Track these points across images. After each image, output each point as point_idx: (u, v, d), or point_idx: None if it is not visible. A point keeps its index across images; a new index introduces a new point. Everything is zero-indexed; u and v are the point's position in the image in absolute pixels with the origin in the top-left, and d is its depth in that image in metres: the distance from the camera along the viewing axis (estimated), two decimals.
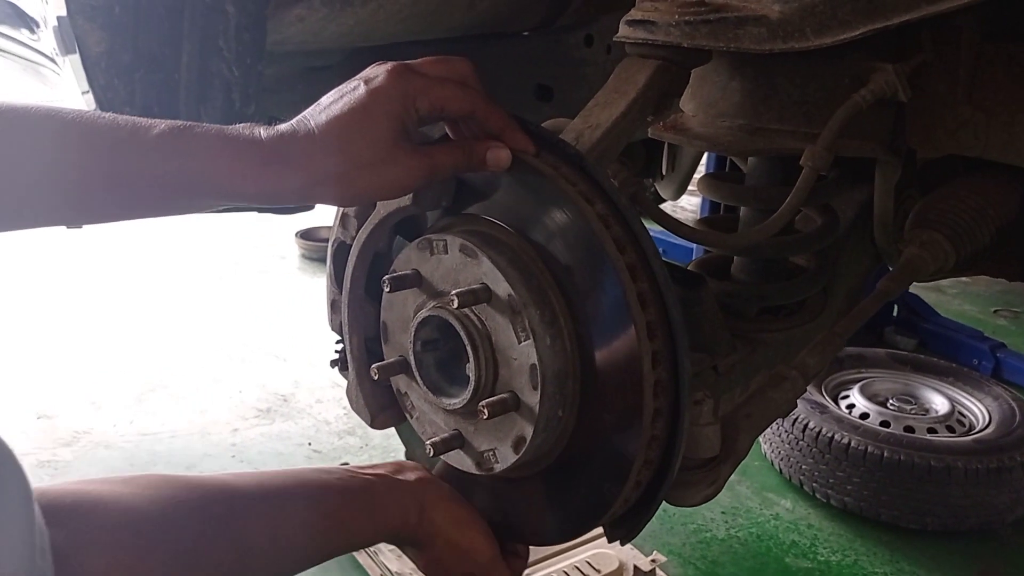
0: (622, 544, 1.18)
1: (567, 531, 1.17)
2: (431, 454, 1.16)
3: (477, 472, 1.16)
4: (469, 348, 1.10)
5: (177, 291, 5.49)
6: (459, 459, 1.18)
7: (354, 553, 3.05)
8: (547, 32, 2.03)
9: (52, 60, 1.90)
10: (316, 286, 5.56)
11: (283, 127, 1.00)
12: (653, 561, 3.13)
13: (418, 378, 1.20)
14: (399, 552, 3.16)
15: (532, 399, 1.07)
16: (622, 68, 1.27)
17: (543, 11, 2.00)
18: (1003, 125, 1.31)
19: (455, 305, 1.07)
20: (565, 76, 2.04)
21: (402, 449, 1.47)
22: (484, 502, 1.28)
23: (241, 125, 1.01)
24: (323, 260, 6.37)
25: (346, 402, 1.34)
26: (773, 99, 1.32)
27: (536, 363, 1.05)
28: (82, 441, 3.75)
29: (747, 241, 1.35)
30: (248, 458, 3.69)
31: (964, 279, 6.77)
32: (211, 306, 5.28)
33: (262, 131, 1.00)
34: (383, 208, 1.17)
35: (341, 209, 1.26)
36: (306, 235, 6.16)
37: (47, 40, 1.83)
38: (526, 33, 2.08)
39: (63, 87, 1.79)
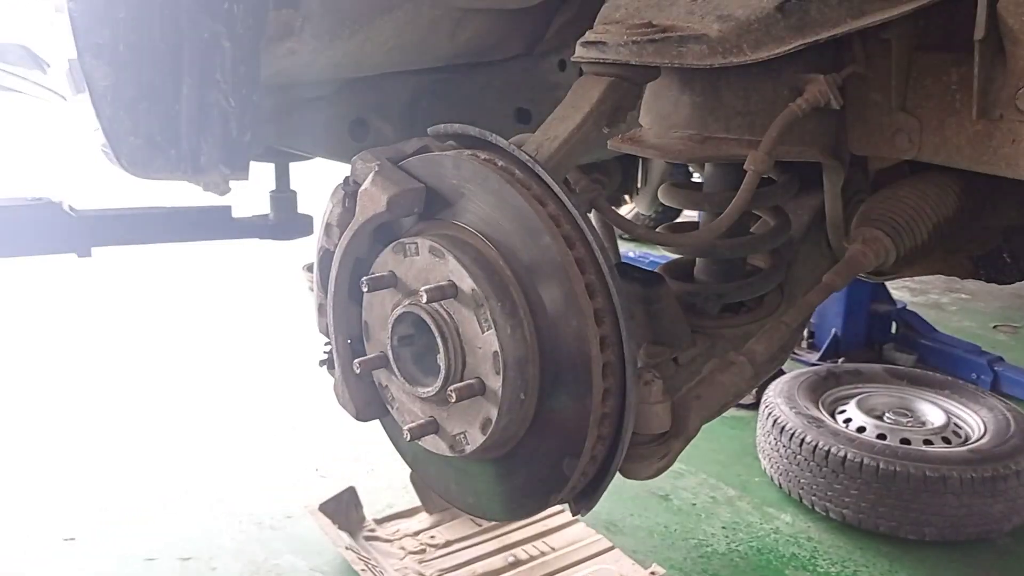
0: (583, 515, 1.28)
1: (532, 506, 1.27)
2: (408, 439, 1.26)
3: (451, 454, 1.27)
4: (439, 339, 1.21)
5: (188, 321, 5.58)
6: (434, 443, 1.29)
7: (360, 573, 3.11)
8: (524, 59, 2.16)
9: (61, 96, 2.03)
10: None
11: None
12: (652, 573, 3.20)
13: (396, 371, 1.31)
14: (405, 573, 3.30)
15: (496, 383, 1.17)
16: (578, 85, 1.39)
17: (521, 40, 2.13)
18: (934, 129, 1.41)
19: (425, 300, 1.19)
20: (542, 99, 2.17)
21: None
22: (458, 485, 1.38)
23: None
24: None
25: (352, 426, 1.43)
26: (719, 111, 1.43)
27: (498, 350, 1.16)
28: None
29: (698, 240, 1.46)
30: (256, 481, 3.76)
31: (964, 295, 6.84)
32: (221, 336, 5.37)
33: None
34: (361, 215, 1.29)
35: (325, 219, 1.38)
36: (312, 268, 6.21)
37: (56, 79, 1.96)
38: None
39: (76, 122, 1.90)
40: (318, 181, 3.87)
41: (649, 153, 1.45)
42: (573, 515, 1.27)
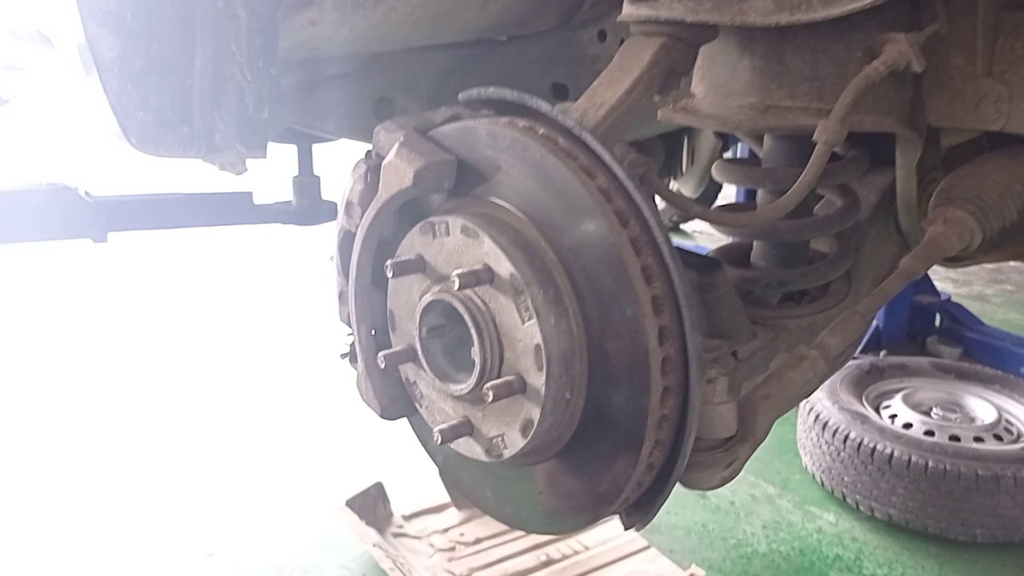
0: (637, 530, 1.14)
1: (579, 519, 1.13)
2: (439, 442, 1.13)
3: (487, 459, 1.13)
4: (473, 330, 1.07)
5: (212, 313, 5.53)
6: (468, 446, 1.15)
7: (388, 571, 3.03)
8: (561, 30, 2.02)
9: (71, 76, 1.93)
10: None
11: None
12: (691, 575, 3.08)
13: (425, 365, 1.18)
14: (434, 572, 3.20)
15: (538, 381, 1.04)
16: (626, 47, 1.25)
17: (557, 12, 1.99)
18: None
19: (457, 287, 1.05)
20: (580, 73, 2.02)
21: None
22: (495, 492, 1.25)
23: None
24: None
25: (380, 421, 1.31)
26: (784, 76, 1.28)
27: (540, 343, 1.02)
28: None
29: (761, 221, 1.31)
30: (283, 475, 3.69)
31: (1009, 287, 6.64)
32: (246, 327, 5.32)
33: None
34: (384, 192, 1.16)
35: (345, 197, 1.25)
36: None
37: (64, 57, 1.86)
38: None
39: (87, 105, 1.81)
40: (344, 166, 3.84)
41: (705, 123, 1.31)
42: (626, 528, 1.13)
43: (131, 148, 1.75)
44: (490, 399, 1.03)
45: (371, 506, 3.34)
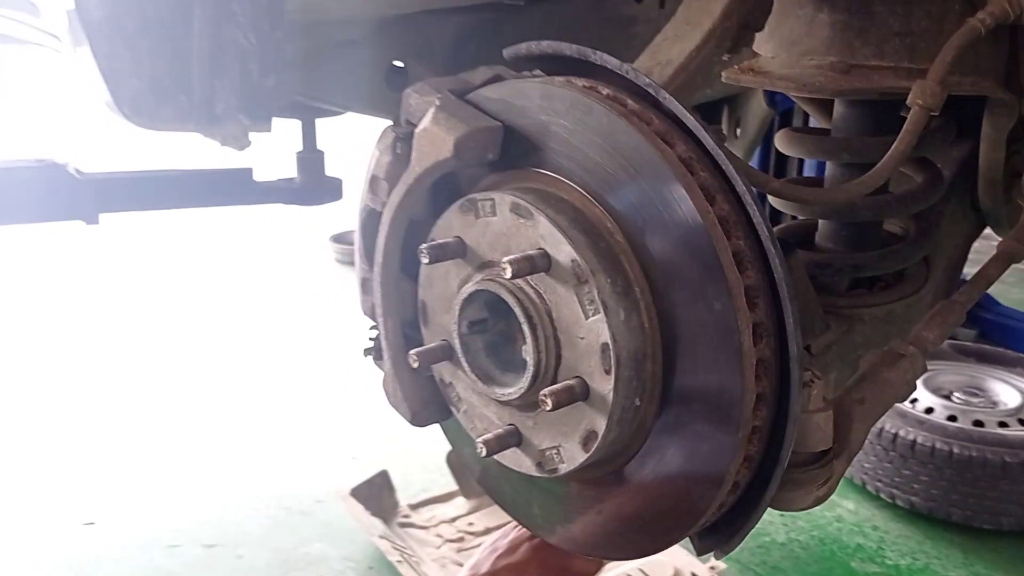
0: (717, 558, 0.99)
1: (649, 544, 0.98)
2: (483, 454, 0.97)
3: (538, 474, 0.98)
4: (526, 327, 0.92)
5: (211, 297, 5.39)
6: (516, 459, 1.00)
7: (395, 563, 2.92)
8: None
9: (59, 45, 1.77)
10: (350, 289, 5.44)
11: None
12: (712, 568, 2.96)
13: (465, 365, 1.02)
14: (442, 563, 3.09)
15: (604, 386, 0.89)
16: None
17: None
18: None
19: (508, 276, 0.89)
20: (613, 38, 1.86)
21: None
22: (543, 510, 1.10)
23: None
24: None
25: (385, 405, 1.17)
26: (870, 31, 1.13)
27: (608, 342, 0.87)
28: None
29: (845, 198, 1.15)
30: (283, 464, 3.58)
31: (1022, 267, 6.46)
32: (245, 312, 5.18)
33: None
34: (418, 164, 0.99)
35: (370, 171, 1.09)
36: (339, 239, 6.04)
37: (51, 24, 1.70)
38: None
39: (77, 78, 1.66)
40: (348, 141, 3.71)
41: (780, 86, 1.15)
42: (699, 555, 0.99)
43: (124, 120, 1.60)
44: (549, 407, 0.88)
45: (376, 495, 3.25)
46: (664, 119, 0.89)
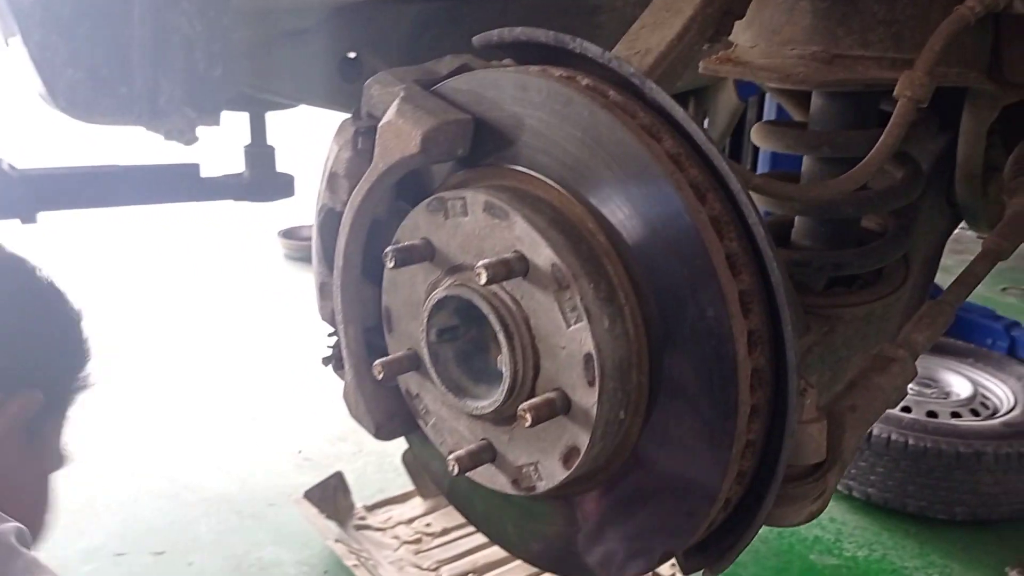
0: None
1: (632, 564, 0.92)
2: (454, 471, 0.91)
3: (514, 492, 0.92)
4: (502, 335, 0.85)
5: (156, 294, 5.26)
6: (490, 476, 0.93)
7: (351, 567, 2.86)
8: None
9: None
10: (300, 285, 5.36)
11: None
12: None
13: (434, 376, 0.95)
14: (400, 565, 3.02)
15: (587, 399, 0.82)
16: None
17: None
18: None
19: (483, 281, 0.83)
20: (576, 28, 1.79)
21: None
22: (518, 528, 1.03)
23: None
24: (307, 260, 6.17)
25: (338, 403, 1.10)
26: (854, 19, 1.08)
27: (592, 352, 0.81)
28: None
29: (832, 193, 1.10)
30: (234, 468, 3.49)
31: (969, 257, 6.54)
32: (191, 310, 5.06)
33: None
34: (382, 160, 0.92)
35: (328, 168, 1.01)
36: (288, 234, 5.93)
37: None
38: None
39: (13, 71, 1.56)
40: (300, 135, 3.61)
41: (761, 77, 1.10)
42: (685, 574, 0.93)
43: (60, 112, 1.51)
44: (528, 423, 0.81)
45: (331, 497, 3.19)
46: (650, 112, 0.83)
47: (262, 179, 2.48)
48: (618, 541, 0.92)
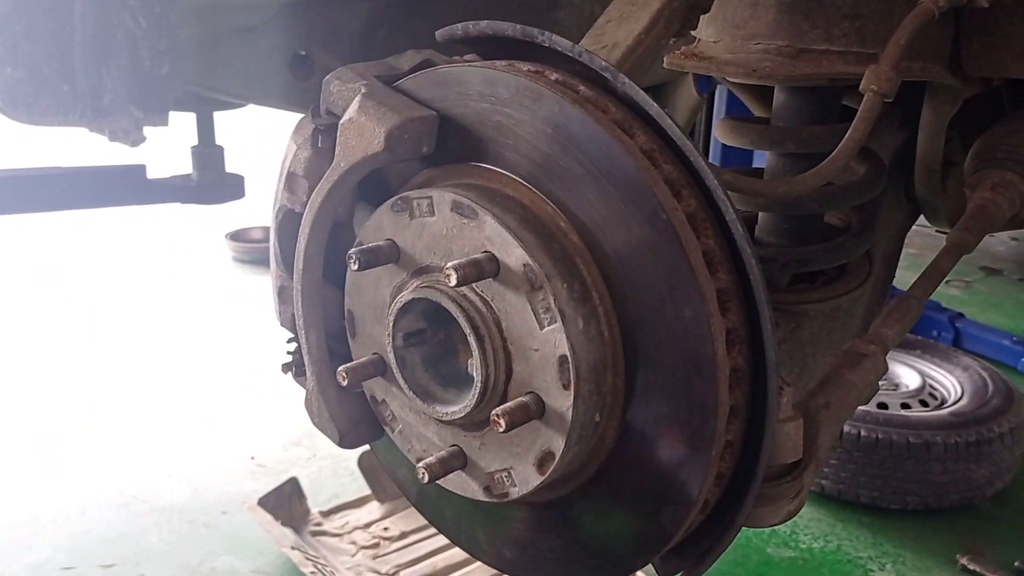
0: None
1: (609, 569, 0.90)
2: (424, 479, 0.88)
3: (486, 499, 0.89)
4: (472, 338, 0.83)
5: (102, 299, 5.12)
6: (461, 483, 0.91)
7: (308, 575, 2.82)
8: None
9: None
10: (249, 289, 5.27)
11: None
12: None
13: (400, 381, 0.92)
14: (358, 571, 2.98)
15: (562, 402, 0.80)
16: None
17: None
18: None
19: (453, 282, 0.80)
20: (533, 23, 1.77)
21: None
22: (489, 534, 1.01)
23: None
24: (256, 263, 6.07)
25: (291, 408, 1.06)
26: (818, 13, 1.07)
27: (567, 354, 0.79)
28: None
29: (800, 189, 1.10)
30: (185, 475, 3.41)
31: (912, 250, 6.66)
32: (138, 315, 4.93)
33: None
34: (343, 159, 0.89)
35: (286, 167, 0.98)
36: (236, 236, 5.83)
37: None
38: None
39: None
40: (249, 134, 3.53)
41: (727, 72, 1.09)
42: None
43: None
44: (502, 428, 0.79)
45: (286, 504, 3.13)
46: (622, 107, 0.81)
47: (211, 180, 2.42)
48: (593, 547, 0.90)
